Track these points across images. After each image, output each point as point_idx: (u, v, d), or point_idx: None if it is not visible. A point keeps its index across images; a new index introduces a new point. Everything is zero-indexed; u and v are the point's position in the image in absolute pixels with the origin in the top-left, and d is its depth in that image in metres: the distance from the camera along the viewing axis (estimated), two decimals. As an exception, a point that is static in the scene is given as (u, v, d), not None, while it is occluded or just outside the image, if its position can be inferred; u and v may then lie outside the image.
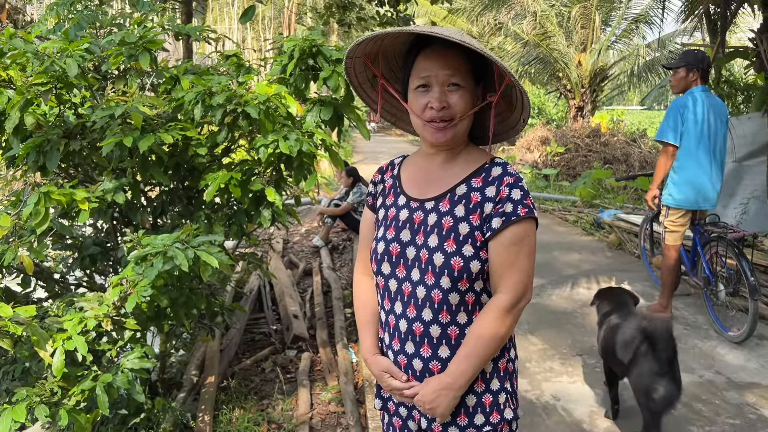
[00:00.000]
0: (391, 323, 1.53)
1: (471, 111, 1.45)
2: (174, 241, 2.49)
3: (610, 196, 10.25)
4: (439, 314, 1.44)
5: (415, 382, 1.49)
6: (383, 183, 1.65)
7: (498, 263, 1.42)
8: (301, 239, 8.06)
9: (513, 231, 1.40)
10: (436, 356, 1.46)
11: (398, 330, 1.50)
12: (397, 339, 1.51)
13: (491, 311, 1.42)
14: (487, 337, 1.41)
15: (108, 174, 2.73)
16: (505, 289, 1.42)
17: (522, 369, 3.74)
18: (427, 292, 1.44)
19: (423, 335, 1.46)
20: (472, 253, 1.42)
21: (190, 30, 3.24)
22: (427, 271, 1.44)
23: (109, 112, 2.55)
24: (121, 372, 2.46)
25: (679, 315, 4.65)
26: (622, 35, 16.39)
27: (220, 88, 2.72)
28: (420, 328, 1.46)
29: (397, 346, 1.51)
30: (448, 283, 1.42)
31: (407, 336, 1.49)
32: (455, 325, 1.45)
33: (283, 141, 2.66)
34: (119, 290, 2.48)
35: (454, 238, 1.43)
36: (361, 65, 1.57)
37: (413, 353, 1.48)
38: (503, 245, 1.41)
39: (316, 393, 3.73)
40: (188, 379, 3.87)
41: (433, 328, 1.45)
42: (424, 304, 1.45)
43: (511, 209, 1.40)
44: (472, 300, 1.45)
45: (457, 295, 1.43)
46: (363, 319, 1.65)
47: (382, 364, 1.55)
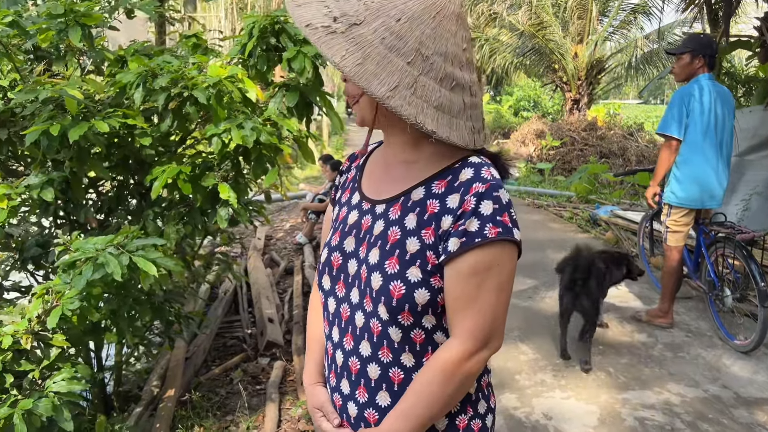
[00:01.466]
0: (329, 352, 1.22)
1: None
2: (107, 245, 2.16)
3: (607, 192, 9.96)
4: (378, 350, 1.12)
5: (349, 430, 1.18)
6: (348, 174, 1.32)
7: (453, 298, 1.07)
8: (285, 235, 7.72)
9: (475, 257, 1.04)
10: (372, 403, 1.14)
11: (335, 362, 1.20)
12: (334, 373, 1.21)
13: (438, 362, 1.08)
14: (428, 395, 1.07)
15: (36, 167, 2.39)
16: (459, 335, 1.07)
17: (511, 382, 3.42)
18: (366, 321, 1.12)
19: (359, 374, 1.15)
20: (419, 278, 1.07)
21: (141, 6, 2.89)
22: (365, 294, 1.12)
23: (33, 95, 2.20)
24: (45, 396, 2.13)
25: (680, 320, 4.34)
26: (620, 26, 16.07)
27: (166, 69, 2.38)
28: (356, 363, 1.15)
29: (333, 382, 1.21)
30: (386, 313, 1.09)
31: (343, 371, 1.18)
32: (399, 368, 1.12)
33: (236, 130, 2.32)
34: (42, 301, 2.14)
35: (399, 255, 1.09)
36: None
37: (348, 394, 1.18)
38: (460, 275, 1.05)
39: (285, 408, 3.40)
40: (148, 391, 3.54)
41: (371, 366, 1.13)
42: (362, 335, 1.13)
43: (476, 228, 1.04)
44: (421, 339, 1.11)
45: (398, 329, 1.10)
46: (310, 339, 1.36)
47: (318, 399, 1.26)
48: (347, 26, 0.99)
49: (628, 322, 4.34)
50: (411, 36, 1.00)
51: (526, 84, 22.80)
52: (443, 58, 1.03)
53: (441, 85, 1.04)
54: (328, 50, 0.98)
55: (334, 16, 1.00)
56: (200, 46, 2.91)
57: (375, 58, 0.99)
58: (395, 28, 1.00)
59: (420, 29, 1.00)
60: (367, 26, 1.00)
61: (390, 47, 0.99)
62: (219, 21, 16.91)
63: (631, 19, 15.81)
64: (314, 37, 1.00)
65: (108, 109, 2.42)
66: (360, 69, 0.98)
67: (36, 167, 2.40)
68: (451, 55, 1.04)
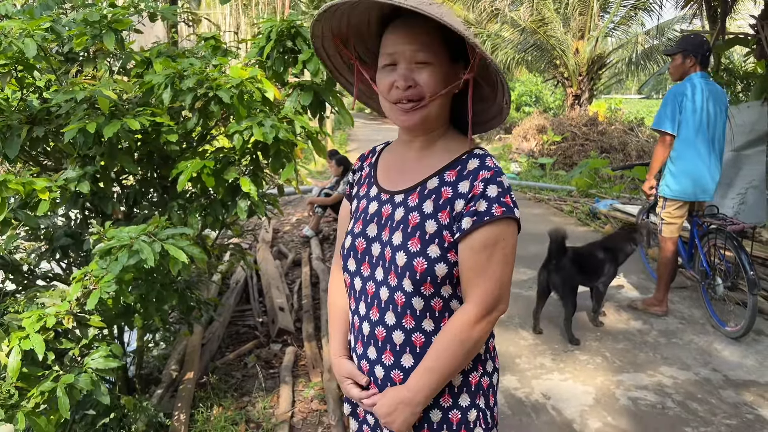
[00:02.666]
0: (356, 325, 1.40)
1: (444, 91, 1.29)
2: (140, 234, 2.35)
3: (607, 186, 10.13)
4: (402, 319, 1.31)
5: (376, 390, 1.36)
6: (361, 171, 1.52)
7: (467, 269, 1.27)
8: (291, 229, 7.91)
9: (485, 233, 1.24)
10: (398, 365, 1.33)
11: (362, 333, 1.38)
12: (360, 342, 1.39)
13: (456, 323, 1.27)
14: (449, 352, 1.26)
15: (72, 162, 2.58)
16: (472, 299, 1.27)
17: (512, 365, 3.61)
18: (390, 294, 1.31)
19: (385, 340, 1.33)
20: (438, 254, 1.27)
21: (164, 11, 3.07)
22: (390, 271, 1.31)
23: (70, 96, 2.39)
24: (84, 372, 2.32)
25: (674, 308, 4.53)
26: (621, 22, 16.19)
27: (191, 71, 2.56)
28: (382, 332, 1.33)
29: (360, 350, 1.39)
30: (410, 285, 1.28)
31: (369, 340, 1.36)
32: (420, 332, 1.31)
33: (257, 127, 2.51)
34: (81, 285, 2.33)
35: (420, 236, 1.28)
36: (333, 48, 1.42)
37: (375, 359, 1.35)
38: (473, 249, 1.25)
39: (298, 390, 3.60)
40: (167, 374, 3.74)
41: (396, 333, 1.32)
42: (387, 307, 1.32)
43: (484, 208, 1.24)
44: (440, 306, 1.30)
45: (420, 299, 1.29)
46: (333, 317, 1.53)
47: (345, 368, 1.43)
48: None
49: (625, 310, 4.53)
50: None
51: (528, 79, 22.90)
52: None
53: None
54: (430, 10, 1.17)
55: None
56: (219, 48, 3.09)
57: (454, 19, 1.21)
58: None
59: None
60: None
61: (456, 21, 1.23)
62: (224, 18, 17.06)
63: (631, 15, 15.93)
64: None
65: (137, 108, 2.61)
66: (448, 18, 1.17)
67: (72, 162, 2.58)
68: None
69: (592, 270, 4.10)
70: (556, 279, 3.97)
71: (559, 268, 3.97)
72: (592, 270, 4.10)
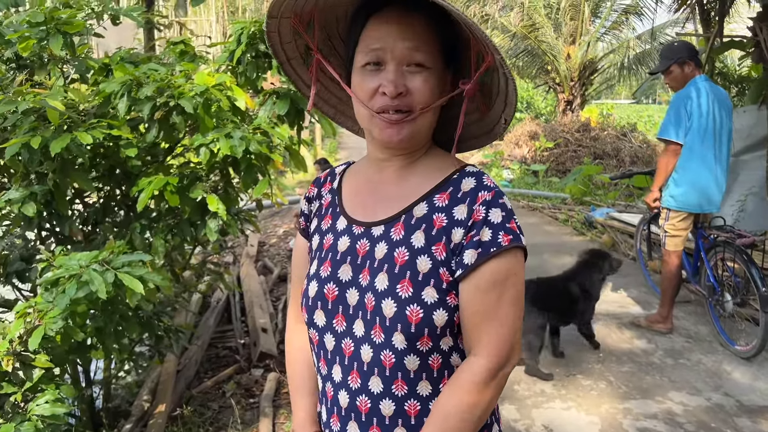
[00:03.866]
0: (329, 394, 1.11)
1: (438, 102, 1.03)
2: (92, 261, 2.08)
3: (601, 193, 9.92)
4: (391, 384, 1.03)
5: None
6: (320, 200, 1.21)
7: (472, 312, 1.00)
8: (278, 241, 7.63)
9: (493, 268, 0.99)
10: None
11: (337, 404, 1.09)
12: (337, 416, 1.10)
13: (463, 384, 1.00)
14: (456, 421, 0.99)
15: (16, 181, 2.31)
16: (482, 351, 1.00)
17: (510, 392, 3.35)
18: (375, 354, 1.03)
19: (370, 413, 1.05)
20: (436, 299, 1.00)
21: (126, 12, 2.80)
22: (374, 324, 1.03)
23: (12, 106, 2.12)
24: (28, 420, 2.05)
25: (679, 325, 4.29)
26: (612, 27, 16.05)
27: (151, 78, 2.30)
28: (366, 402, 1.05)
29: (337, 427, 1.10)
30: (403, 341, 1.00)
31: (349, 413, 1.07)
32: (415, 399, 1.04)
33: (225, 140, 2.25)
34: (23, 321, 2.05)
35: (411, 277, 1.01)
36: (289, 32, 1.11)
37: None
38: (479, 288, 1.00)
39: (280, 422, 3.32)
40: (138, 406, 3.45)
41: (384, 403, 1.04)
42: (371, 370, 1.04)
43: (489, 237, 1.00)
44: (438, 364, 1.03)
45: (416, 357, 1.02)
46: (295, 384, 1.24)
47: None
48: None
49: (628, 327, 4.28)
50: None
51: (519, 85, 22.78)
52: None
53: None
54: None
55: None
56: (188, 53, 2.83)
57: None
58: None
59: None
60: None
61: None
62: (210, 25, 16.80)
63: (623, 19, 15.79)
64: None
65: (92, 120, 2.34)
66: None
67: (17, 180, 2.31)
68: None
69: (559, 308, 3.64)
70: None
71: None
72: (559, 308, 3.64)
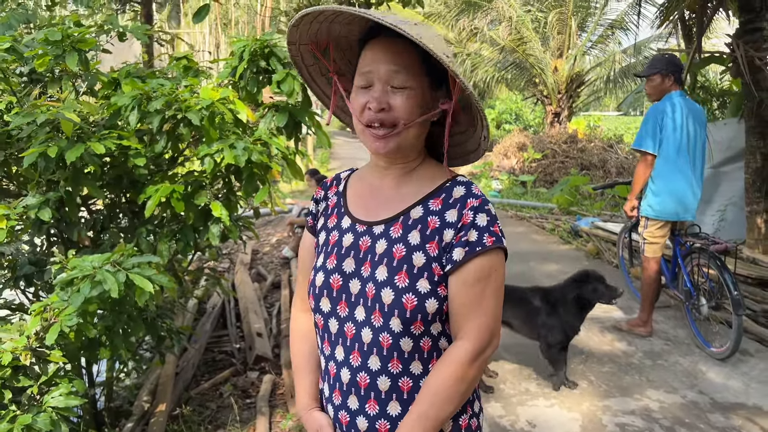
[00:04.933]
0: (332, 372, 1.27)
1: (420, 118, 1.20)
2: (104, 263, 2.23)
3: (588, 203, 10.14)
4: (388, 363, 1.20)
5: None
6: (326, 201, 1.39)
7: (459, 303, 1.18)
8: (271, 249, 7.77)
9: (478, 264, 1.17)
10: (384, 414, 1.21)
11: (339, 380, 1.25)
12: (339, 391, 1.26)
13: (450, 363, 1.17)
14: (445, 395, 1.16)
15: (33, 188, 2.46)
16: (467, 336, 1.18)
17: (496, 391, 3.51)
18: (374, 336, 1.20)
19: (369, 388, 1.22)
20: (429, 289, 1.17)
21: (133, 30, 2.97)
22: (374, 310, 1.20)
23: (31, 119, 2.27)
24: (43, 411, 2.18)
25: (659, 329, 4.47)
26: (598, 41, 16.40)
27: (160, 93, 2.46)
28: (365, 378, 1.21)
29: (338, 400, 1.26)
30: (399, 325, 1.17)
31: (350, 388, 1.24)
32: (408, 377, 1.20)
33: (229, 150, 2.41)
34: (40, 318, 2.20)
35: (407, 270, 1.19)
36: (310, 56, 1.33)
37: (357, 409, 1.23)
38: (466, 282, 1.17)
39: (276, 420, 3.46)
40: (139, 406, 3.58)
41: (381, 379, 1.20)
42: (371, 350, 1.20)
43: (476, 238, 1.18)
44: (429, 346, 1.20)
45: (410, 340, 1.18)
46: (299, 365, 1.40)
47: (318, 422, 1.30)
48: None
49: (609, 331, 4.46)
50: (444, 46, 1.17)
51: (508, 97, 23.08)
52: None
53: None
54: (409, 29, 1.09)
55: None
56: (191, 68, 2.99)
57: (440, 47, 1.13)
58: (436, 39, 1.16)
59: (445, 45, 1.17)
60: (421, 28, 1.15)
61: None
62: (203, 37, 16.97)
63: (608, 34, 16.14)
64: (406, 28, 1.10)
65: (103, 131, 2.50)
66: (441, 48, 1.12)
67: (33, 188, 2.46)
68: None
69: (525, 318, 3.64)
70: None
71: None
72: (525, 318, 3.64)
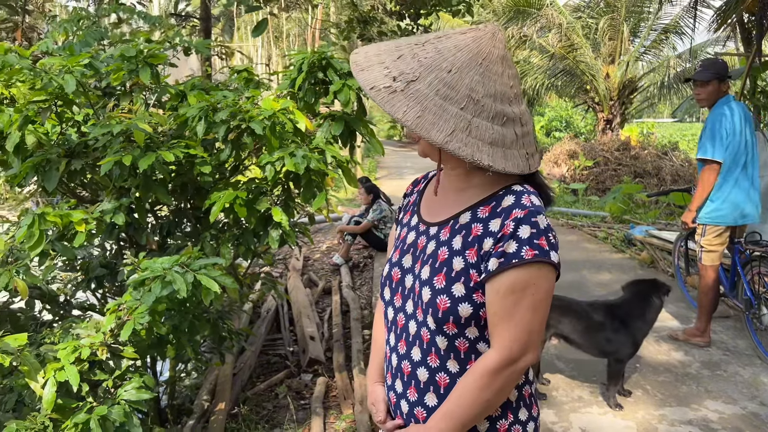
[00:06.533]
0: (387, 355, 1.39)
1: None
2: (173, 264, 2.36)
3: (641, 211, 9.93)
4: (427, 356, 1.27)
5: (401, 422, 1.35)
6: (409, 197, 1.48)
7: (492, 312, 1.19)
8: (321, 257, 7.91)
9: (513, 277, 1.15)
10: (421, 402, 1.29)
11: (390, 364, 1.37)
12: (390, 374, 1.37)
13: (476, 370, 1.21)
14: (469, 399, 1.20)
15: (108, 194, 2.62)
16: (496, 346, 1.20)
17: (549, 398, 3.50)
18: (417, 329, 1.28)
19: (410, 376, 1.30)
20: (463, 294, 1.20)
21: (198, 45, 3.13)
22: (418, 306, 1.27)
23: (107, 130, 2.44)
24: (117, 404, 2.33)
25: (717, 339, 4.36)
26: (652, 46, 16.04)
27: (224, 104, 2.60)
28: (408, 367, 1.30)
29: (389, 381, 1.38)
30: (433, 323, 1.24)
31: (396, 373, 1.34)
32: (445, 373, 1.26)
33: (289, 158, 2.52)
34: (115, 316, 2.34)
35: (446, 273, 1.23)
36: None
37: (401, 393, 1.33)
38: (498, 292, 1.17)
39: (330, 422, 3.55)
40: (199, 404, 3.73)
41: (420, 370, 1.28)
42: (414, 342, 1.29)
43: (513, 249, 1.15)
44: (465, 348, 1.24)
45: (444, 338, 1.24)
46: (374, 342, 1.52)
47: (374, 395, 1.44)
48: (405, 84, 1.12)
49: (665, 341, 4.38)
50: (462, 84, 1.13)
51: (558, 105, 22.83)
52: (492, 98, 1.15)
53: (493, 122, 1.15)
54: (390, 108, 1.12)
55: (393, 76, 1.13)
56: (252, 80, 3.13)
57: (432, 109, 1.11)
58: (447, 79, 1.12)
59: (469, 77, 1.13)
60: (423, 81, 1.12)
61: (444, 97, 1.12)
62: (256, 50, 17.43)
63: (662, 38, 15.78)
64: (378, 98, 1.13)
65: (172, 141, 2.65)
66: (420, 121, 1.11)
67: (108, 194, 2.62)
68: (499, 95, 1.16)
69: (587, 333, 3.46)
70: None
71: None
72: (587, 333, 3.46)
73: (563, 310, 3.37)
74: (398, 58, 1.15)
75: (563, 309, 3.37)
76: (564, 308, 3.38)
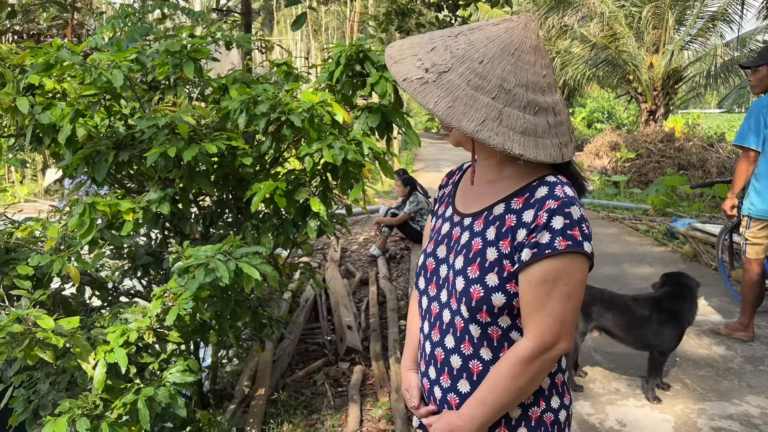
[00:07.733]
0: (421, 342, 1.43)
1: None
2: (216, 253, 2.44)
3: (685, 204, 9.70)
4: (461, 344, 1.30)
5: (434, 407, 1.39)
6: (445, 189, 1.52)
7: (525, 302, 1.21)
8: (359, 248, 7.99)
9: (545, 267, 1.16)
10: (455, 389, 1.32)
11: (424, 351, 1.41)
12: (423, 361, 1.41)
13: (509, 358, 1.23)
14: (502, 386, 1.23)
15: (154, 185, 2.72)
16: (529, 335, 1.22)
17: (585, 389, 3.49)
18: (451, 318, 1.31)
19: (444, 363, 1.34)
20: (497, 284, 1.22)
21: (239, 39, 3.21)
22: (452, 295, 1.30)
23: (153, 123, 2.53)
24: (163, 386, 2.43)
25: (761, 334, 4.27)
26: (698, 34, 15.57)
27: (265, 97, 2.66)
28: (441, 354, 1.34)
29: (423, 368, 1.42)
30: (466, 312, 1.26)
31: (430, 360, 1.38)
32: (478, 360, 1.29)
33: (327, 150, 2.57)
34: (161, 302, 2.44)
35: (480, 263, 1.25)
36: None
37: (434, 379, 1.37)
38: (531, 283, 1.19)
39: (366, 409, 3.61)
40: (240, 390, 3.84)
41: (454, 357, 1.31)
42: (448, 330, 1.32)
43: (546, 240, 1.16)
44: (498, 335, 1.27)
45: (477, 327, 1.27)
46: (409, 330, 1.57)
47: (408, 382, 1.48)
48: (437, 75, 1.15)
49: (707, 335, 4.30)
50: (493, 74, 1.15)
51: (600, 95, 22.40)
52: (524, 88, 1.16)
53: (525, 111, 1.16)
54: (422, 99, 1.14)
55: (425, 68, 1.16)
56: (291, 74, 3.19)
57: (463, 99, 1.14)
58: (479, 70, 1.15)
59: (501, 67, 1.15)
60: (454, 72, 1.15)
61: (475, 87, 1.14)
62: (295, 43, 17.60)
63: (709, 26, 15.29)
64: (410, 89, 1.16)
65: (214, 133, 2.73)
66: (451, 111, 1.13)
67: (154, 184, 2.72)
68: (531, 84, 1.17)
69: (629, 327, 3.44)
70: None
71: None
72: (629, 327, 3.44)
73: (606, 303, 3.34)
74: (431, 50, 1.18)
75: (606, 303, 3.34)
76: (607, 302, 3.35)
